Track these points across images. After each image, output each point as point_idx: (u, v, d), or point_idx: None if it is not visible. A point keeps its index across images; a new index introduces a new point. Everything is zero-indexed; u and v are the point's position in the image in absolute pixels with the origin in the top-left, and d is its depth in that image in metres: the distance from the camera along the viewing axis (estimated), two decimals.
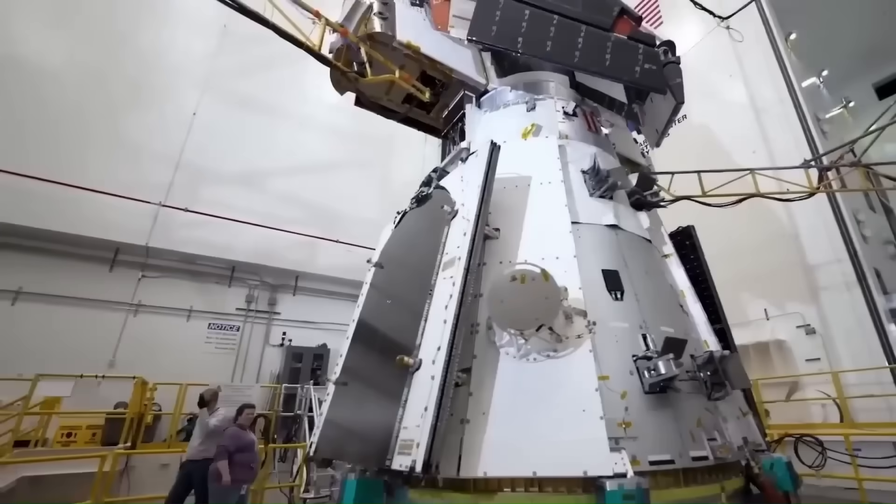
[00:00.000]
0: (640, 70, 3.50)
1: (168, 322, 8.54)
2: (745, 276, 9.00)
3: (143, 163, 8.64)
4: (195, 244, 8.62)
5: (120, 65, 8.90)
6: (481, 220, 2.59)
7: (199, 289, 8.87)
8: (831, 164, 5.67)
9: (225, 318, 8.93)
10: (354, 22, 3.63)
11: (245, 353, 8.93)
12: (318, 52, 3.19)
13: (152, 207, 8.41)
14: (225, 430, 4.56)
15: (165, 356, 8.18)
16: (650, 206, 3.78)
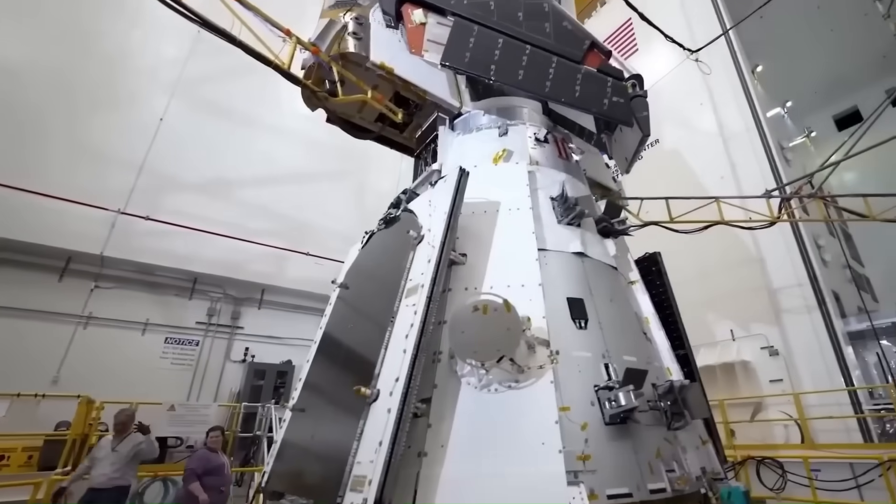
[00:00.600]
0: (608, 102, 3.66)
1: (121, 336, 8.13)
2: (714, 297, 9.40)
3: (103, 168, 8.30)
4: (155, 254, 8.30)
5: (84, 66, 8.60)
6: (446, 247, 2.62)
7: (157, 301, 8.52)
8: (791, 195, 6.07)
9: (184, 333, 8.59)
10: (327, 41, 3.66)
11: (204, 369, 8.60)
12: (287, 71, 3.19)
13: (110, 215, 8.06)
14: (150, 453, 4.40)
15: (116, 372, 7.77)
16: (617, 234, 3.92)
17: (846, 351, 8.03)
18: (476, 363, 2.34)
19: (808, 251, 8.61)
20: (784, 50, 14.32)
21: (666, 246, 6.17)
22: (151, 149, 8.72)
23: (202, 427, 7.22)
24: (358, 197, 11.74)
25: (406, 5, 4.08)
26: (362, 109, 4.35)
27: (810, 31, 13.99)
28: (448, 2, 4.07)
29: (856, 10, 11.88)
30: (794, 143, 14.54)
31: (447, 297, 2.85)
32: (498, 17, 4.00)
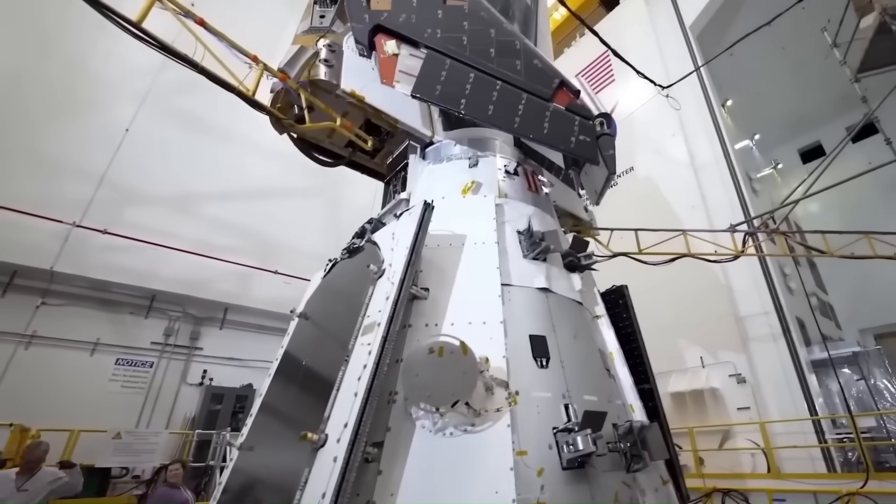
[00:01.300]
0: (575, 140, 3.80)
1: (67, 357, 7.70)
2: (684, 323, 9.70)
3: (60, 179, 7.98)
4: (110, 270, 7.96)
5: (45, 72, 8.32)
6: (405, 284, 2.63)
7: (110, 319, 8.14)
8: (754, 230, 6.41)
9: (137, 353, 8.21)
10: (297, 67, 3.70)
11: (157, 392, 8.20)
12: (252, 98, 3.20)
13: (64, 227, 7.72)
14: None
15: (59, 397, 7.33)
16: (583, 269, 4.03)
17: (809, 379, 8.39)
18: (429, 408, 2.33)
19: (774, 280, 9.03)
20: (752, 86, 15.26)
21: (638, 271, 6.41)
22: (114, 160, 8.46)
23: (151, 456, 6.87)
24: (332, 213, 11.65)
25: (379, 36, 4.16)
26: (332, 135, 4.37)
27: (776, 70, 14.98)
28: (421, 34, 4.17)
29: (816, 53, 12.81)
30: (761, 175, 15.37)
31: (406, 333, 2.85)
32: (470, 52, 4.12)
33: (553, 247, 3.60)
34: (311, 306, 3.83)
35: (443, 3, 4.45)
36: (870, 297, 13.13)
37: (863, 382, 9.41)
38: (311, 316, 3.68)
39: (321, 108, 3.75)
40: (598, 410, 2.79)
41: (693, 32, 12.60)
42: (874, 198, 13.37)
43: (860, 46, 8.85)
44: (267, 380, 3.52)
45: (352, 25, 4.15)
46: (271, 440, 3.13)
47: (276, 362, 3.53)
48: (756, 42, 12.90)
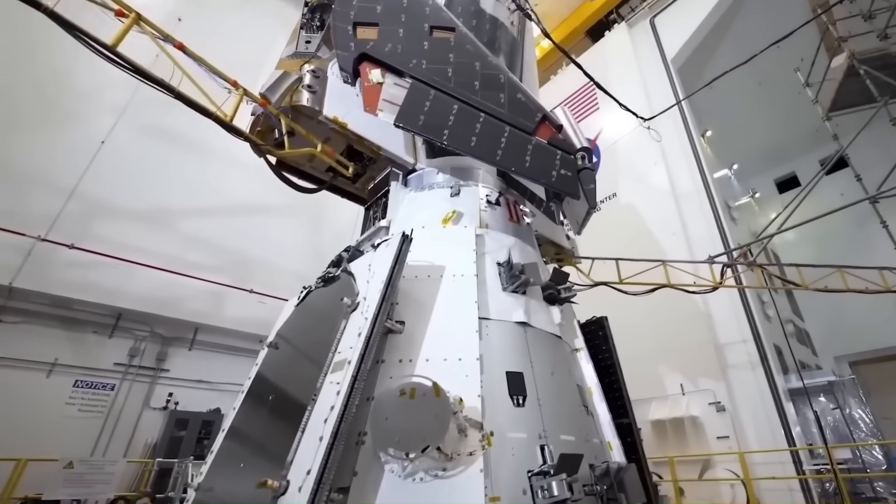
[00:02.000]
0: (556, 174, 3.89)
1: (20, 378, 7.29)
2: (665, 350, 9.82)
3: (26, 191, 7.68)
4: (75, 286, 7.65)
5: (23, 81, 8.14)
6: (379, 320, 2.61)
7: (71, 338, 7.79)
8: (732, 262, 6.63)
9: (98, 375, 7.85)
10: (279, 93, 3.72)
11: (117, 417, 7.82)
12: (229, 124, 3.19)
13: (27, 241, 7.42)
14: None
15: (9, 421, 6.92)
16: (563, 301, 4.06)
17: (787, 407, 8.55)
18: (398, 453, 2.28)
19: (752, 308, 9.27)
20: (731, 118, 15.94)
21: (620, 298, 6.51)
22: (87, 173, 8.24)
23: (105, 487, 6.50)
24: (313, 231, 11.55)
25: (364, 64, 4.23)
26: (313, 160, 4.38)
27: (753, 103, 15.72)
28: (407, 64, 4.26)
29: (791, 89, 13.51)
30: (739, 203, 15.93)
31: (379, 369, 2.81)
32: (455, 83, 4.21)
33: (533, 280, 3.64)
34: (286, 330, 3.76)
35: (429, 35, 4.57)
36: (844, 325, 13.57)
37: (838, 411, 9.63)
38: (285, 342, 3.60)
39: (302, 133, 3.77)
40: (574, 453, 2.78)
41: (674, 66, 13.18)
42: (847, 229, 13.95)
43: (831, 87, 9.38)
44: (236, 402, 3.42)
45: (337, 53, 4.21)
46: (235, 472, 3.01)
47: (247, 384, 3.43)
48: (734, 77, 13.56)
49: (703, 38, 13.55)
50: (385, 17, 4.57)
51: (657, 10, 14.64)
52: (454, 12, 5.87)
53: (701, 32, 13.40)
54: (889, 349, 12.87)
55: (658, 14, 14.60)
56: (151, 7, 11.09)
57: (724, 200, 12.02)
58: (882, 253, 7.88)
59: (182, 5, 11.39)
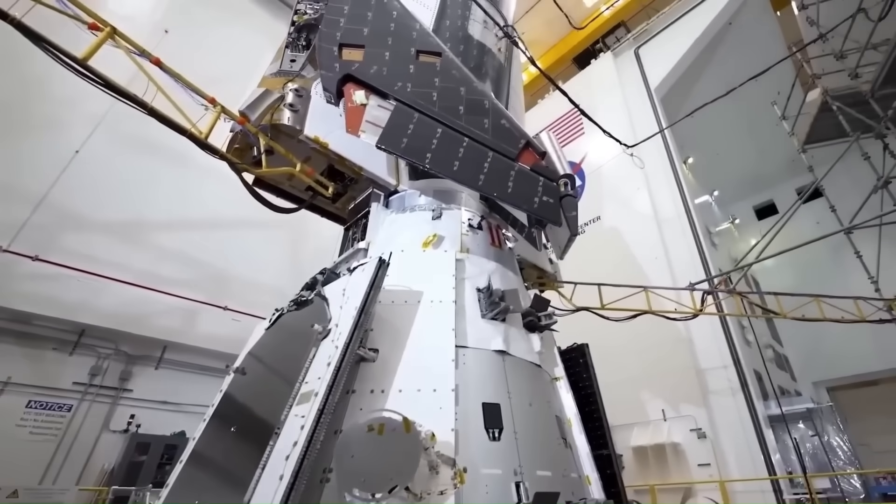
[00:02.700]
0: (538, 201, 3.92)
1: None
2: (647, 375, 9.86)
3: None
4: (36, 300, 7.29)
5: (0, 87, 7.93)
6: (350, 349, 2.54)
7: (27, 355, 7.39)
8: (712, 290, 6.78)
9: (55, 395, 7.44)
10: (259, 111, 3.70)
11: (73, 440, 7.39)
12: (204, 142, 3.15)
13: None
14: None
15: None
16: (543, 329, 4.05)
17: (767, 434, 8.63)
18: (364, 494, 2.19)
19: (733, 334, 9.41)
20: (711, 146, 16.53)
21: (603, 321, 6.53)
22: (58, 182, 7.99)
23: None
24: (294, 246, 11.37)
25: (349, 85, 4.25)
26: (292, 178, 4.34)
27: (733, 133, 16.35)
28: (392, 87, 4.29)
29: (769, 120, 14.12)
30: (720, 228, 16.39)
31: (349, 400, 2.73)
32: (440, 107, 4.26)
33: (512, 307, 3.62)
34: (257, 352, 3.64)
35: (415, 59, 4.63)
36: (822, 351, 13.88)
37: (817, 438, 9.78)
38: (256, 363, 3.48)
39: (281, 152, 3.73)
40: (550, 491, 2.72)
41: (658, 95, 13.66)
42: (824, 258, 14.41)
43: (806, 121, 9.82)
44: (198, 429, 3.27)
45: (321, 73, 4.23)
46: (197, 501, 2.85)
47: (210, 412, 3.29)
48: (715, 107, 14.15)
49: (686, 70, 14.12)
50: (372, 39, 4.63)
51: (641, 42, 15.25)
52: (442, 37, 5.99)
53: (683, 64, 13.97)
54: (865, 375, 13.19)
55: (642, 45, 15.21)
56: (138, 18, 11.10)
57: (705, 226, 12.33)
58: (858, 282, 8.13)
59: (169, 17, 11.39)
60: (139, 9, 11.15)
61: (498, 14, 7.08)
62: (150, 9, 11.28)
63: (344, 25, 4.69)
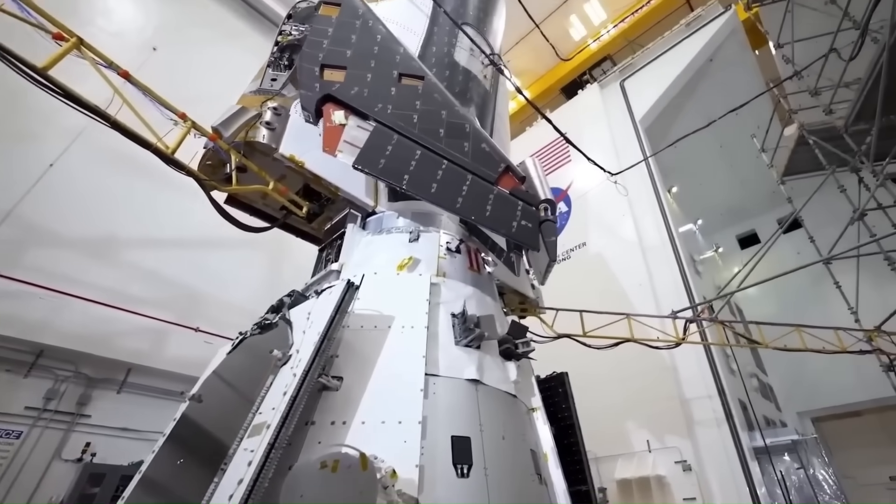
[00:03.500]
0: (516, 225, 3.89)
1: None
2: (632, 404, 9.70)
3: None
4: None
5: None
6: (309, 378, 2.40)
7: None
8: (695, 318, 6.78)
9: (3, 421, 6.95)
10: (233, 128, 3.65)
11: (19, 470, 6.87)
12: (170, 157, 3.07)
13: None
14: None
15: None
16: (520, 357, 3.95)
17: (752, 467, 8.49)
18: None
19: (717, 363, 9.38)
20: (695, 176, 16.96)
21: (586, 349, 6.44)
22: (28, 196, 7.73)
23: None
24: (272, 266, 11.13)
25: (328, 105, 4.24)
26: (266, 197, 4.26)
27: (715, 164, 16.83)
28: (372, 108, 4.29)
29: (749, 153, 14.58)
30: (703, 257, 16.61)
31: (307, 432, 2.57)
32: (420, 129, 4.26)
33: (488, 334, 3.52)
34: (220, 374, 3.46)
35: (398, 82, 4.66)
36: (806, 380, 13.92)
37: (803, 471, 9.68)
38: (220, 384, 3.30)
39: (254, 170, 3.66)
40: None
41: (642, 125, 14.06)
42: (805, 288, 14.64)
43: (784, 154, 10.13)
44: (150, 456, 3.06)
45: (300, 92, 4.22)
46: None
47: (160, 443, 3.09)
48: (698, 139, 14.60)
49: (669, 103, 14.61)
50: (354, 61, 4.66)
51: (627, 75, 15.84)
52: (427, 62, 6.09)
53: (666, 97, 14.47)
54: (849, 406, 13.21)
55: (627, 78, 15.78)
56: (126, 35, 11.15)
57: (688, 254, 12.48)
58: (839, 312, 8.22)
59: (159, 35, 11.46)
60: (128, 26, 11.20)
61: (484, 42, 7.26)
62: (139, 26, 11.35)
63: (327, 47, 4.73)
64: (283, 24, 5.24)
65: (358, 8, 5.16)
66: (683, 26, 15.23)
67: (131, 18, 11.29)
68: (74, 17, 9.81)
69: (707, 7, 15.14)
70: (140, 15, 11.58)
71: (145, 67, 10.57)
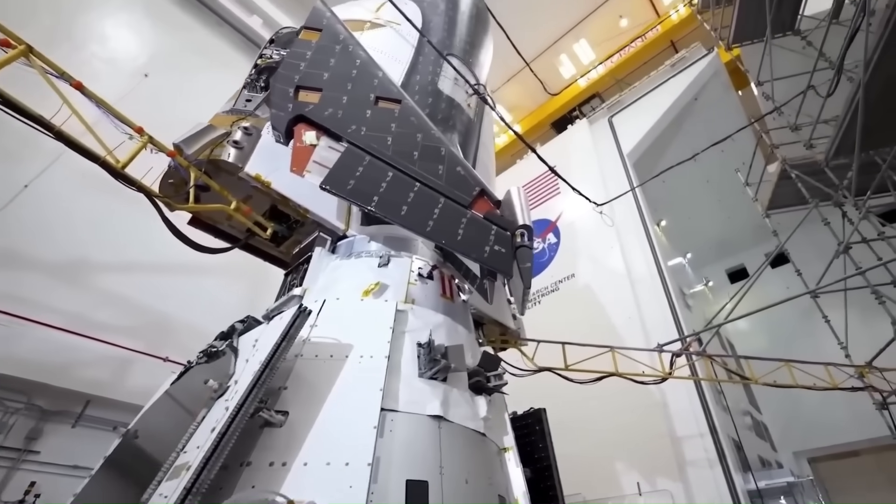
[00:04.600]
0: (488, 250, 3.73)
1: None
2: (621, 441, 9.24)
3: None
4: None
5: None
6: (243, 412, 2.15)
7: None
8: (681, 351, 6.55)
9: None
10: (197, 145, 3.54)
11: None
12: (120, 171, 2.92)
13: None
14: None
15: None
16: (492, 391, 3.70)
17: None
18: None
19: (708, 399, 9.03)
20: (683, 210, 17.13)
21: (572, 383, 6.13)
22: None
23: None
24: (254, 292, 10.79)
25: (300, 125, 4.17)
26: (231, 218, 4.10)
27: (703, 198, 17.04)
28: (345, 129, 4.22)
29: (736, 188, 14.81)
30: (693, 291, 16.51)
31: (241, 475, 2.29)
32: (393, 151, 4.17)
33: (454, 365, 3.29)
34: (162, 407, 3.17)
35: (374, 105, 4.62)
36: (801, 418, 13.52)
37: None
38: (150, 431, 3.01)
39: (216, 189, 3.51)
40: None
41: (630, 160, 14.30)
42: (796, 323, 14.49)
43: (768, 188, 10.23)
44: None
45: (272, 112, 4.14)
46: None
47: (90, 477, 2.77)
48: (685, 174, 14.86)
49: (656, 138, 14.95)
50: (331, 83, 4.62)
51: (615, 111, 16.30)
52: (411, 89, 6.11)
53: (654, 133, 14.83)
54: (845, 445, 12.78)
55: (615, 114, 16.23)
56: (119, 62, 11.30)
57: (678, 287, 12.36)
58: (830, 347, 8.03)
59: (152, 62, 11.63)
60: (122, 54, 11.38)
61: (469, 73, 7.36)
62: (132, 54, 11.53)
63: (304, 69, 4.70)
64: (264, 48, 5.26)
65: (339, 33, 5.19)
66: (669, 66, 15.79)
67: (125, 46, 11.47)
68: (68, 42, 9.97)
69: (690, 49, 15.77)
70: (134, 42, 11.78)
71: (136, 93, 10.66)
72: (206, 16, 14.07)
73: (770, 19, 8.58)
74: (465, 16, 8.30)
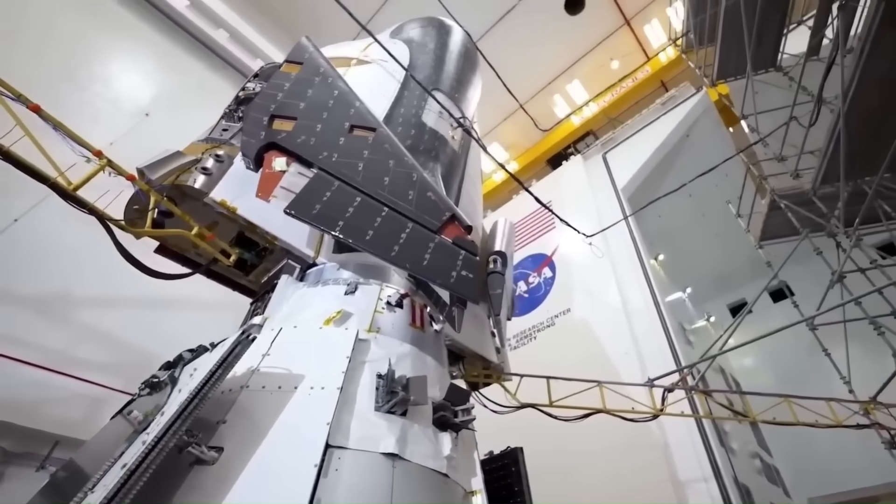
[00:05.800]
0: (455, 275, 3.60)
1: None
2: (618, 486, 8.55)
3: None
4: None
5: None
6: (160, 448, 1.96)
7: None
8: (672, 386, 6.23)
9: None
10: (162, 171, 3.51)
11: None
12: (70, 193, 2.87)
13: None
14: None
15: None
16: (459, 427, 3.44)
17: None
18: None
19: (710, 440, 8.48)
20: (680, 245, 17.01)
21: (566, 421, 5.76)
22: None
23: None
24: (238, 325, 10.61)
25: (270, 152, 4.17)
26: (198, 246, 4.02)
27: (699, 233, 16.95)
28: (316, 156, 4.21)
29: (731, 222, 14.77)
30: (695, 326, 16.08)
31: None
32: (363, 178, 4.14)
33: (414, 398, 3.07)
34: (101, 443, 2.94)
35: (348, 133, 4.64)
36: (815, 460, 12.70)
37: None
38: (82, 470, 2.78)
39: (177, 213, 3.45)
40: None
41: (625, 194, 14.40)
42: (800, 358, 13.98)
43: (759, 219, 10.17)
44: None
45: (242, 140, 4.16)
46: None
47: None
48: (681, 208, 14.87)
49: (649, 173, 15.12)
50: (307, 112, 4.66)
51: (608, 148, 16.61)
52: (395, 122, 6.18)
53: (647, 168, 15.01)
54: (862, 490, 11.93)
55: (609, 151, 16.53)
56: (122, 101, 11.71)
57: (678, 323, 12.02)
58: (836, 383, 7.64)
59: (154, 103, 12.04)
60: (125, 94, 11.80)
61: (455, 107, 7.49)
62: (135, 94, 11.96)
63: (281, 99, 4.76)
64: (248, 81, 5.37)
65: (319, 66, 5.30)
66: (659, 105, 16.19)
67: (128, 86, 11.91)
68: (71, 82, 10.34)
69: (679, 88, 16.21)
70: (138, 82, 12.24)
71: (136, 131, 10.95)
72: (211, 59, 14.72)
73: (750, 56, 8.81)
74: (454, 55, 8.53)
